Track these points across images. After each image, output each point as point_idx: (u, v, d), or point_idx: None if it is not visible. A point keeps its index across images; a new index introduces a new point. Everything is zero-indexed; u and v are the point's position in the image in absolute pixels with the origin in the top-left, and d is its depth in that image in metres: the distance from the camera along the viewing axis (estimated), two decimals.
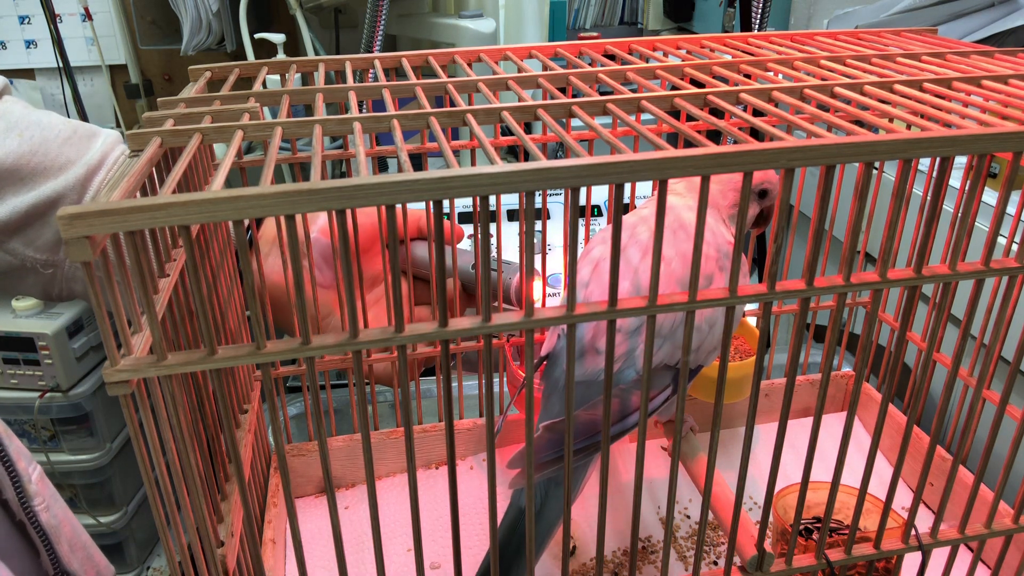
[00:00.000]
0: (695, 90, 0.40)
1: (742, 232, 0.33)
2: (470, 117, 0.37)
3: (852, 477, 0.43)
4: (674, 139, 0.89)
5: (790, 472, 0.55)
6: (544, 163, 0.29)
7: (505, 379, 0.66)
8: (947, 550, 0.47)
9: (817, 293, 0.35)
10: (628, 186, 0.66)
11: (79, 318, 1.26)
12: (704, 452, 0.52)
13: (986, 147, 0.33)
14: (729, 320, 0.35)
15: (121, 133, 0.54)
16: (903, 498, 0.63)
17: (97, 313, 0.28)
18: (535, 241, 0.68)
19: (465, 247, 0.68)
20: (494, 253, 0.64)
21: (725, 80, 0.45)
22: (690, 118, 0.41)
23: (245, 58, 1.39)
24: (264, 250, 0.60)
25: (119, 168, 0.53)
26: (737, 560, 0.43)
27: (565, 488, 0.37)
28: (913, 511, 0.44)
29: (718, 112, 0.40)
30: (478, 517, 0.62)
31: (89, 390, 1.26)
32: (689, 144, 0.32)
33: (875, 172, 0.68)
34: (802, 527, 0.51)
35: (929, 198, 0.39)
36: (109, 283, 0.28)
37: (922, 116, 0.38)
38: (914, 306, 0.38)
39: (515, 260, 0.67)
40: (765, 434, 0.72)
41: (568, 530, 0.39)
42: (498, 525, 0.38)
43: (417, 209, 0.64)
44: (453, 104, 0.41)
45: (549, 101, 0.39)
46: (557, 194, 1.16)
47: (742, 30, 1.30)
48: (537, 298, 0.66)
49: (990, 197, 0.83)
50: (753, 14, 1.19)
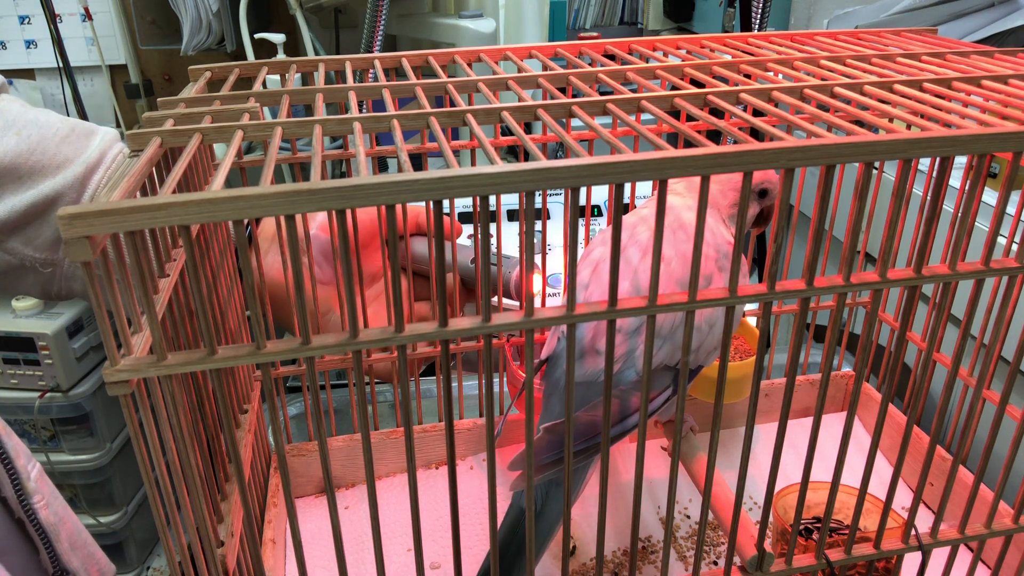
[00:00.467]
0: (695, 90, 0.40)
1: (742, 232, 0.33)
2: (470, 117, 0.37)
3: (852, 477, 0.43)
4: (674, 139, 0.89)
5: (790, 472, 0.55)
6: (544, 163, 0.29)
7: (505, 379, 0.66)
8: (947, 550, 0.47)
9: (817, 293, 0.35)
10: (628, 186, 0.66)
11: (79, 318, 1.26)
12: (704, 452, 0.52)
13: (986, 147, 0.33)
14: (729, 320, 0.35)
15: (121, 133, 0.54)
16: (903, 498, 0.63)
17: (97, 313, 0.28)
18: (535, 241, 0.68)
19: (464, 242, 0.68)
20: (493, 248, 0.64)
21: (725, 80, 0.45)
22: (690, 118, 0.41)
23: (245, 58, 1.39)
24: (263, 247, 0.61)
25: (119, 167, 0.53)
26: (737, 560, 0.43)
27: (565, 489, 0.37)
28: (913, 511, 0.44)
29: (718, 112, 0.40)
30: (478, 517, 0.62)
31: (89, 390, 1.26)
32: (689, 144, 0.32)
33: (875, 172, 0.68)
34: (802, 527, 0.51)
35: (929, 198, 0.39)
36: (109, 283, 0.28)
37: (922, 116, 0.38)
38: (914, 306, 0.38)
39: (515, 254, 0.67)
40: (765, 434, 0.72)
41: (568, 530, 0.39)
42: (498, 526, 0.38)
43: (416, 205, 0.64)
44: (453, 104, 0.41)
45: (549, 101, 0.39)
46: (557, 194, 1.16)
47: (742, 30, 1.30)
48: (537, 291, 0.66)
49: (990, 197, 0.83)
50: (753, 14, 1.19)
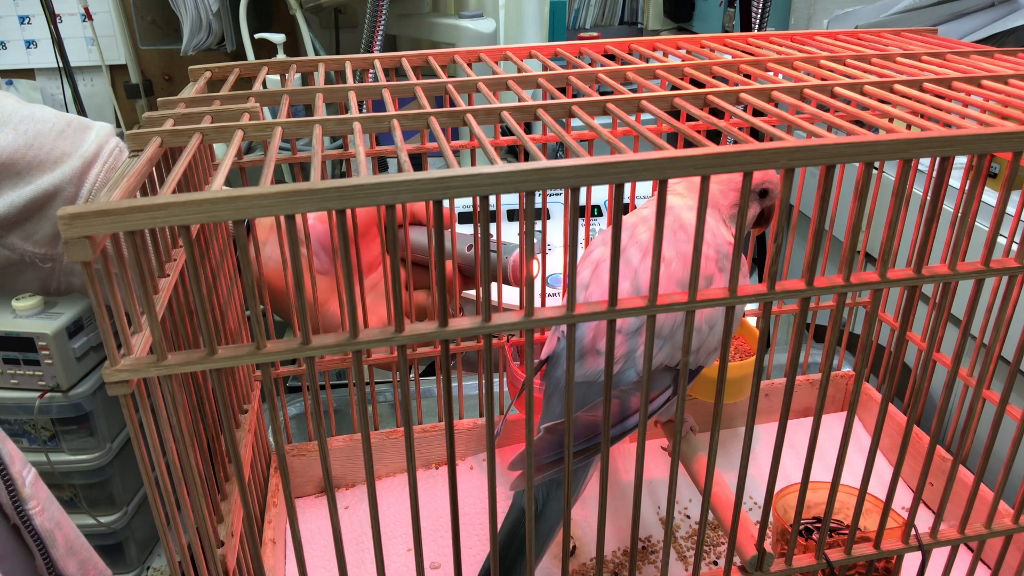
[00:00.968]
0: (695, 90, 0.40)
1: (742, 232, 0.33)
2: (470, 117, 0.37)
3: (852, 477, 0.43)
4: (674, 139, 0.89)
5: (790, 472, 0.55)
6: (544, 163, 0.29)
7: (505, 379, 0.65)
8: (947, 550, 0.47)
9: (817, 293, 0.35)
10: (628, 186, 0.66)
11: (79, 318, 1.26)
12: (704, 452, 0.52)
13: (986, 147, 0.33)
14: (729, 320, 0.35)
15: (121, 133, 0.54)
16: (903, 498, 0.63)
17: (97, 313, 0.28)
18: (535, 241, 0.68)
19: (461, 230, 0.68)
20: (493, 236, 0.64)
21: (725, 80, 0.45)
22: (690, 118, 0.41)
23: (245, 58, 1.39)
24: (261, 237, 0.60)
25: (116, 162, 0.53)
26: (737, 560, 0.43)
27: (565, 489, 0.37)
28: (913, 511, 0.44)
29: (718, 112, 0.40)
30: (478, 517, 0.62)
31: (89, 390, 1.26)
32: (689, 144, 0.32)
33: (875, 172, 0.68)
34: (802, 527, 0.51)
35: (929, 198, 0.39)
36: (109, 283, 0.28)
37: (922, 116, 0.38)
38: (914, 306, 0.38)
39: (514, 240, 0.67)
40: (765, 434, 0.72)
41: (568, 530, 0.39)
42: (499, 526, 0.38)
43: None
44: (453, 104, 0.41)
45: (549, 101, 0.39)
46: (557, 194, 1.16)
47: (742, 30, 1.30)
48: (536, 275, 0.66)
49: (990, 197, 0.83)
50: (753, 14, 1.19)
